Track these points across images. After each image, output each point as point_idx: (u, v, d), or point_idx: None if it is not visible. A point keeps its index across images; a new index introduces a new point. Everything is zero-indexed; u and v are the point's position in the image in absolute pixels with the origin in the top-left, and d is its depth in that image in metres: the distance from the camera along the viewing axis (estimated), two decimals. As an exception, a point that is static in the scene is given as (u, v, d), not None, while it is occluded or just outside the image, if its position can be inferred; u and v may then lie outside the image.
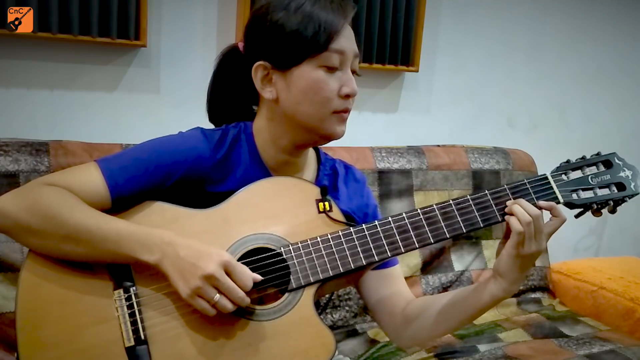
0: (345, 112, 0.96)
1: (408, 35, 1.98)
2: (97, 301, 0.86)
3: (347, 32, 0.93)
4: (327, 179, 1.07)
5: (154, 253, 0.83)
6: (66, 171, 0.93)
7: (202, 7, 1.78)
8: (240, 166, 0.98)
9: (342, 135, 0.98)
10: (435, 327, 1.00)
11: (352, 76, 0.94)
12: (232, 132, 0.99)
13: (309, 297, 0.89)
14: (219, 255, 0.82)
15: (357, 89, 0.95)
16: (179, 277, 0.82)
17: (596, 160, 0.98)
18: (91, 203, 0.88)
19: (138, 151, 0.93)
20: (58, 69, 1.65)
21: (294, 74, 0.92)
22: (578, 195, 0.95)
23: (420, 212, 0.93)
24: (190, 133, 0.97)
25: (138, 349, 0.84)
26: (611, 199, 0.96)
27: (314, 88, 0.92)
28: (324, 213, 0.94)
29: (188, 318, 0.86)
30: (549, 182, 0.95)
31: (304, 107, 0.93)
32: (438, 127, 2.21)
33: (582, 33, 2.41)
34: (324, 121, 0.94)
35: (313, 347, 0.87)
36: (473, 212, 0.93)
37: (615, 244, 2.67)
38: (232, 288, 0.82)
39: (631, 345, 1.60)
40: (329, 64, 0.91)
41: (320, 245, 0.91)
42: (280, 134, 0.98)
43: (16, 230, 0.86)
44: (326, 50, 0.90)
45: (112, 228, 0.85)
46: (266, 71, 0.94)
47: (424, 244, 0.92)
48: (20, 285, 0.86)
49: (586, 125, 2.52)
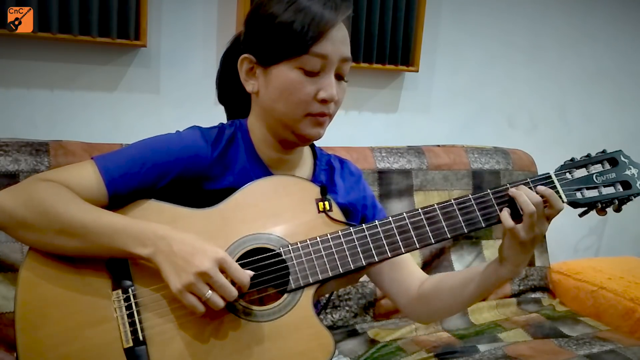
0: (322, 115, 0.93)
1: (408, 35, 1.98)
2: (96, 301, 0.86)
3: (336, 35, 0.91)
4: (324, 174, 1.07)
5: (147, 246, 0.83)
6: (63, 168, 0.93)
7: (202, 7, 1.78)
8: (237, 163, 0.98)
9: (317, 137, 0.96)
10: (450, 305, 1.04)
11: (333, 81, 0.92)
12: (229, 130, 1.00)
13: (308, 298, 0.89)
14: (214, 252, 0.82)
15: (335, 94, 0.92)
16: (171, 272, 0.81)
17: (601, 158, 0.96)
18: (88, 199, 0.88)
19: (134, 149, 0.93)
20: (58, 69, 1.65)
21: (273, 71, 0.92)
22: (582, 194, 0.94)
23: (421, 211, 0.92)
24: (187, 132, 0.98)
25: (137, 349, 0.84)
26: (616, 198, 0.94)
27: (289, 89, 0.91)
28: (323, 213, 0.94)
29: (187, 319, 0.86)
30: (552, 181, 0.94)
31: (279, 105, 0.93)
32: (438, 127, 2.21)
33: (582, 33, 2.41)
34: (297, 122, 0.93)
35: (312, 348, 0.87)
36: (475, 212, 0.92)
37: (615, 244, 2.67)
38: (225, 286, 0.81)
39: (631, 345, 1.60)
40: (307, 67, 0.90)
41: (319, 246, 0.91)
42: (266, 129, 0.99)
43: (12, 225, 0.86)
44: (306, 54, 0.89)
45: (106, 222, 0.84)
46: (251, 65, 0.96)
47: (424, 243, 0.92)
48: (19, 285, 0.86)
49: (586, 125, 2.52)
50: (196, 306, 0.81)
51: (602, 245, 2.67)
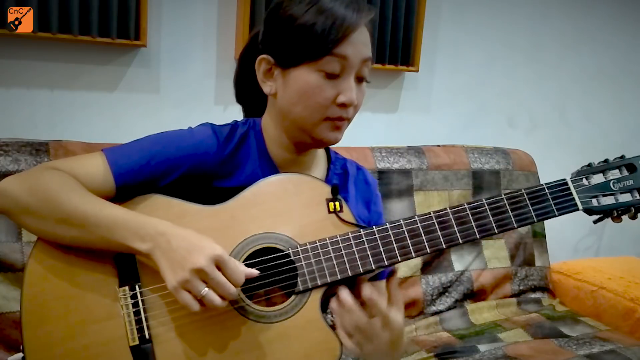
0: (340, 120, 0.92)
1: (408, 35, 1.98)
2: (103, 298, 0.86)
3: (358, 37, 0.89)
4: (337, 178, 1.05)
5: (145, 242, 0.82)
6: (72, 158, 0.93)
7: (202, 7, 1.78)
8: (248, 162, 0.97)
9: (335, 142, 0.95)
10: None
11: (353, 85, 0.90)
12: (241, 128, 0.99)
13: (316, 300, 0.88)
14: (211, 248, 0.80)
15: (355, 99, 0.91)
16: (167, 268, 0.80)
17: (619, 164, 0.93)
18: (95, 190, 0.87)
19: (145, 142, 0.93)
20: (58, 69, 1.65)
21: (292, 74, 0.91)
22: (598, 201, 0.91)
23: (433, 215, 0.90)
24: (199, 128, 0.97)
25: (142, 348, 0.84)
26: (633, 206, 0.91)
27: (307, 92, 0.89)
28: (334, 213, 0.92)
29: (193, 318, 0.86)
30: (569, 188, 0.91)
31: (297, 108, 0.91)
32: (438, 127, 2.21)
33: (582, 33, 2.41)
34: (315, 126, 0.92)
35: (318, 351, 0.86)
36: (488, 217, 0.89)
37: (615, 244, 2.67)
38: (222, 283, 0.79)
39: (631, 345, 1.60)
40: (328, 69, 0.88)
41: (329, 248, 0.89)
42: (281, 130, 0.97)
43: (15, 210, 0.86)
44: (328, 55, 0.88)
45: (107, 214, 0.84)
46: (269, 66, 0.94)
47: (435, 248, 0.89)
48: (25, 279, 0.86)
49: (586, 125, 2.52)
50: (190, 304, 0.80)
51: (602, 245, 2.67)
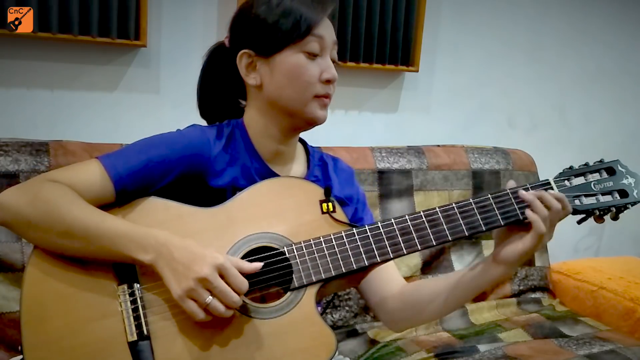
0: (327, 97, 0.99)
1: (408, 35, 1.98)
2: (101, 296, 0.87)
3: (326, 23, 0.98)
4: (318, 169, 1.10)
5: (148, 253, 0.84)
6: (69, 168, 0.94)
7: (202, 7, 1.78)
8: (238, 160, 1.01)
9: (324, 120, 1.01)
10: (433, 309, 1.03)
11: (331, 63, 0.99)
12: (227, 128, 1.03)
13: (311, 296, 0.90)
14: (213, 257, 0.82)
15: (336, 74, 0.99)
16: (172, 278, 0.83)
17: (599, 167, 0.98)
18: (95, 198, 0.89)
19: (137, 146, 0.95)
20: (58, 69, 1.65)
21: (277, 59, 0.97)
22: (581, 201, 0.96)
23: (422, 214, 0.94)
24: (188, 129, 1.01)
25: (140, 344, 0.85)
26: (614, 206, 0.96)
27: (295, 72, 0.96)
28: (327, 214, 0.96)
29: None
30: (552, 187, 0.96)
31: (287, 91, 0.97)
32: (438, 127, 2.21)
33: (582, 33, 2.41)
34: (306, 105, 0.98)
35: (314, 346, 0.88)
36: (475, 216, 0.94)
37: (615, 244, 2.67)
38: (225, 291, 0.82)
39: (631, 345, 1.60)
40: (309, 49, 0.96)
41: (323, 245, 0.92)
42: (268, 121, 1.01)
43: (16, 224, 0.87)
44: (309, 35, 0.95)
45: (108, 226, 0.85)
46: (250, 59, 0.99)
47: (425, 245, 0.93)
48: (25, 279, 0.87)
49: (586, 125, 2.52)
50: (196, 312, 0.82)
51: (602, 245, 2.67)
